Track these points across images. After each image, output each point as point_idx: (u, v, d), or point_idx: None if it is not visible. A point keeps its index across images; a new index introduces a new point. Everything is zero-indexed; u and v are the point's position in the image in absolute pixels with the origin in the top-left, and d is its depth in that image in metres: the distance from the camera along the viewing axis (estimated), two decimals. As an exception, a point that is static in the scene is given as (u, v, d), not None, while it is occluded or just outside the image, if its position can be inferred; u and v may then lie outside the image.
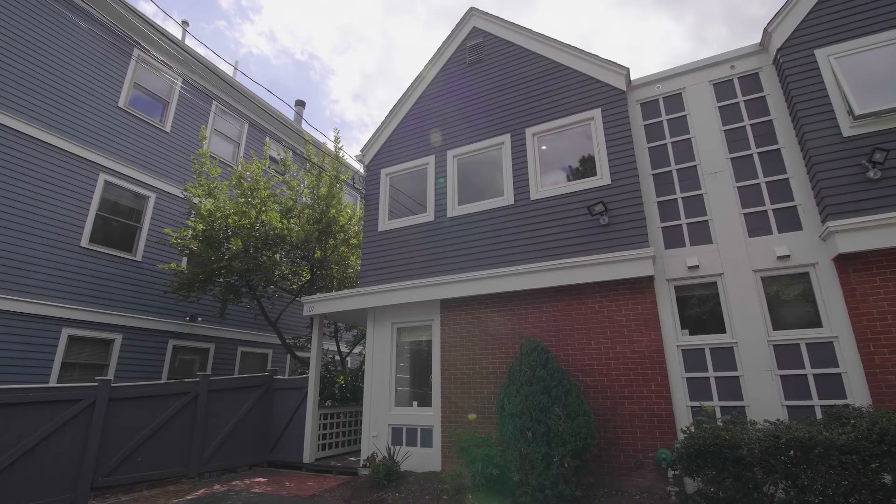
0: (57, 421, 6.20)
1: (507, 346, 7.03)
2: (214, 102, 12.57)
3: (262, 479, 7.74)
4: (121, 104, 10.28)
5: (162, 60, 11.06)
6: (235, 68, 13.88)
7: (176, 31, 12.73)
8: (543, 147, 7.82)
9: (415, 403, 7.69)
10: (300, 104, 19.73)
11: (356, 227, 11.26)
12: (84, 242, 9.20)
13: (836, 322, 5.47)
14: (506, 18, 8.73)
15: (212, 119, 12.44)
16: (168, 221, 10.76)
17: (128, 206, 10.21)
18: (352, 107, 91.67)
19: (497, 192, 7.83)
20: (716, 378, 5.85)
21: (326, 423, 8.96)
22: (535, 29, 9.40)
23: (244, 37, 71.67)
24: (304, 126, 17.81)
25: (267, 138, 14.15)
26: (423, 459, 7.16)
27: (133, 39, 10.46)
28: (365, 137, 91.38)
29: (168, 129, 11.25)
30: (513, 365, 5.94)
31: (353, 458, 8.66)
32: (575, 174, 7.38)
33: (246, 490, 7.06)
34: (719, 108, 6.85)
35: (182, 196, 10.80)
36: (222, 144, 12.77)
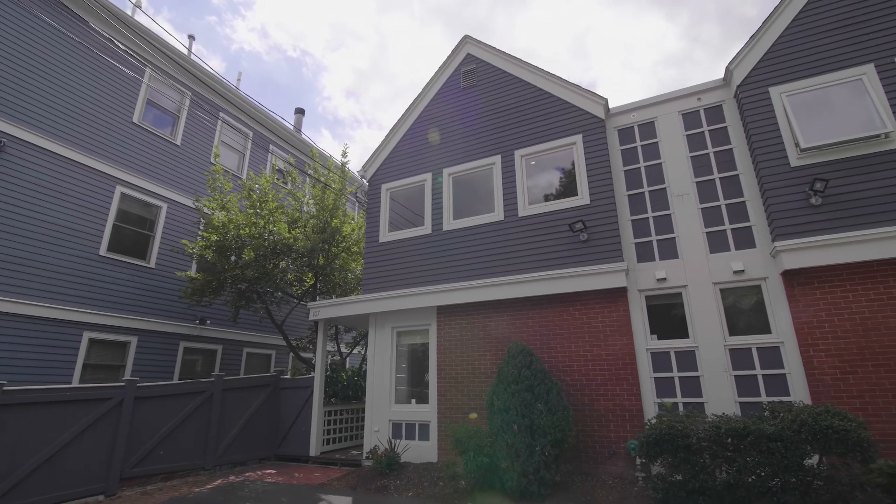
0: (90, 417, 6.86)
1: (496, 349, 7.79)
2: (221, 114, 13.20)
3: (272, 471, 8.44)
4: (135, 120, 10.90)
5: (172, 76, 11.68)
6: (236, 86, 14.50)
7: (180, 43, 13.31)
8: (533, 163, 8.57)
9: (413, 401, 8.43)
10: (300, 112, 20.38)
11: (356, 236, 11.96)
12: (102, 251, 9.83)
13: (782, 329, 6.29)
14: (497, 47, 9.47)
15: (218, 132, 13.07)
16: (179, 230, 11.40)
17: (142, 216, 10.85)
18: (345, 104, 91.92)
19: (488, 208, 8.59)
20: (679, 377, 6.65)
21: (330, 420, 9.67)
22: (523, 57, 10.13)
23: (235, 33, 71.51)
24: (305, 136, 18.45)
25: (271, 149, 14.78)
26: (421, 452, 7.90)
27: (145, 58, 11.08)
28: (358, 135, 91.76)
29: (178, 141, 11.88)
30: (501, 366, 6.70)
31: (355, 452, 9.37)
32: (558, 194, 8.15)
33: (259, 480, 7.76)
34: (687, 136, 7.65)
35: (193, 206, 11.45)
36: (228, 154, 13.40)
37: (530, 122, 8.67)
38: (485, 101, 9.32)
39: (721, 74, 7.62)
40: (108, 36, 10.39)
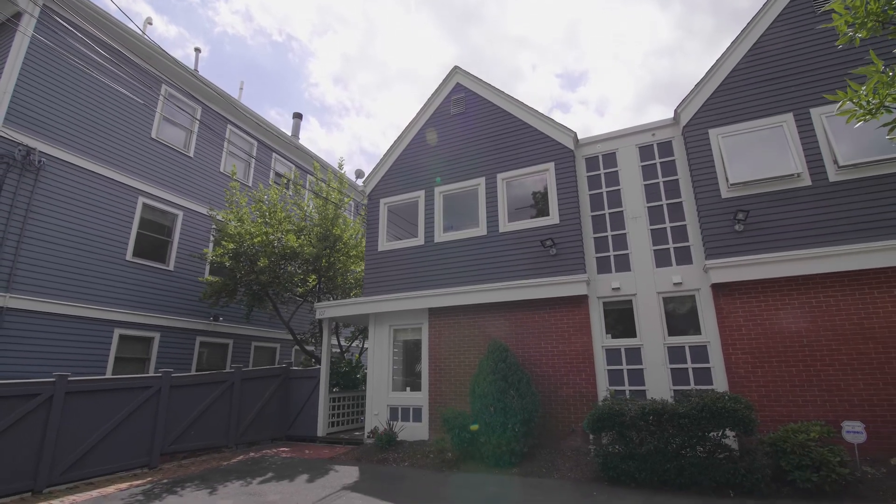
0: (136, 402, 8.11)
1: (479, 345, 9.17)
2: (228, 126, 14.25)
3: (285, 449, 9.79)
4: (153, 135, 11.96)
5: (184, 91, 12.71)
6: (237, 100, 15.50)
7: (181, 62, 14.25)
8: (512, 185, 9.86)
9: (408, 388, 9.82)
10: (297, 116, 21.38)
11: (354, 241, 13.20)
12: (129, 256, 10.98)
13: (709, 331, 7.75)
14: (483, 79, 10.71)
15: (226, 143, 14.14)
16: (194, 235, 12.55)
17: (161, 223, 11.97)
18: (332, 90, 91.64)
19: (473, 224, 9.91)
20: (628, 370, 8.11)
21: (333, 406, 11.02)
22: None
23: (218, 15, 70.37)
24: (304, 145, 19.49)
25: (274, 157, 15.88)
26: (414, 432, 9.30)
27: (161, 78, 12.09)
28: (346, 122, 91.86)
29: (191, 153, 12.96)
30: (482, 360, 8.09)
31: (356, 433, 10.74)
32: (533, 213, 9.50)
33: (276, 455, 9.10)
34: (642, 166, 9.02)
35: (207, 214, 12.60)
36: (236, 163, 14.47)
37: (511, 149, 9.98)
38: (472, 127, 10.59)
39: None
40: (127, 58, 11.37)
